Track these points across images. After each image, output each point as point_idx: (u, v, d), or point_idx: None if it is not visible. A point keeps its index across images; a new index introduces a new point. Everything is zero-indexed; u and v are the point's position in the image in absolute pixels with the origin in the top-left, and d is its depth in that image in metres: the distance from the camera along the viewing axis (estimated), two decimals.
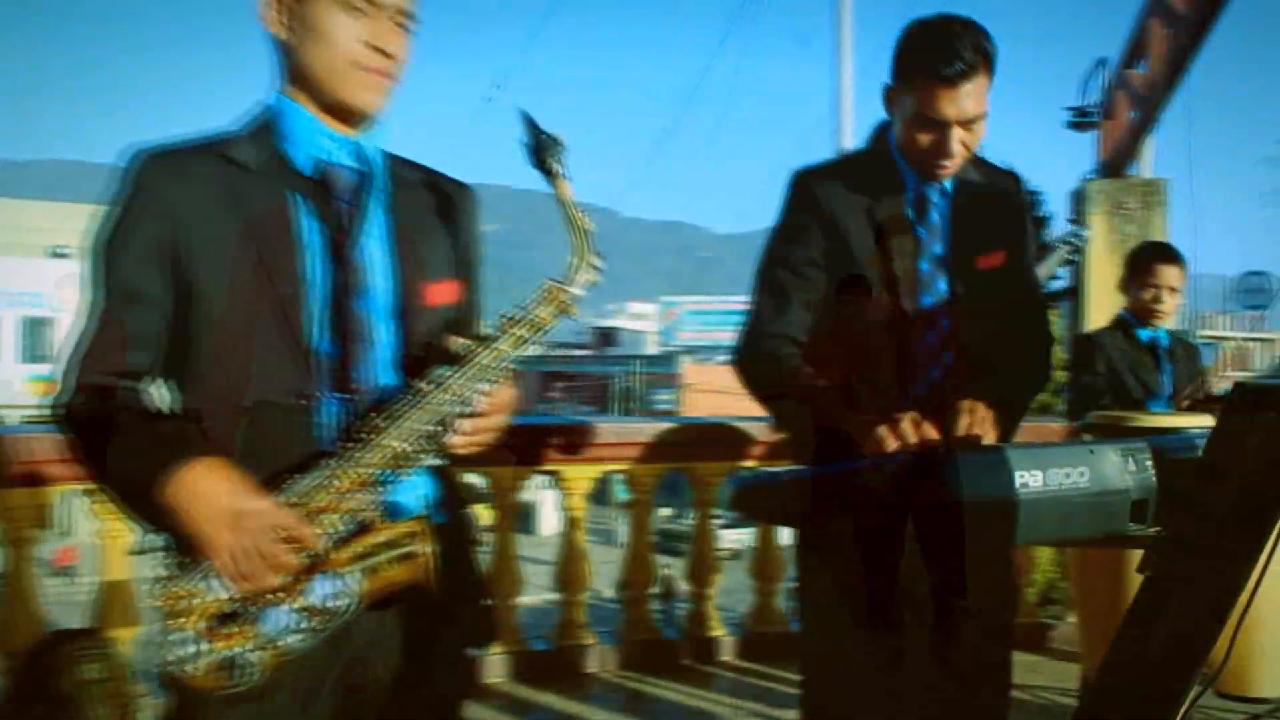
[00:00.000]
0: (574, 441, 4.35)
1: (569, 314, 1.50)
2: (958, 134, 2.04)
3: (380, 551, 1.42)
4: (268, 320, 1.46)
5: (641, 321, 68.88)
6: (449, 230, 1.65)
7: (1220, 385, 3.48)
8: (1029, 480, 1.46)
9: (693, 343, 54.38)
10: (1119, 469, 1.59)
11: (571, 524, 4.49)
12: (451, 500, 1.62)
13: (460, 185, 1.71)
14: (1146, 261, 3.37)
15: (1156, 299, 3.34)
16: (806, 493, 1.49)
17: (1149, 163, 8.56)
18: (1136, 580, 2.70)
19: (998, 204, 2.24)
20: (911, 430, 1.83)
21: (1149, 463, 1.63)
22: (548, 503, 24.69)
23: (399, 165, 1.65)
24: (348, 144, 1.56)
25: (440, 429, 1.48)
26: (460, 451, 1.56)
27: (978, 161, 2.24)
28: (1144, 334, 3.39)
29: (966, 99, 2.02)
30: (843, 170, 2.21)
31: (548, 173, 1.49)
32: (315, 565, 1.41)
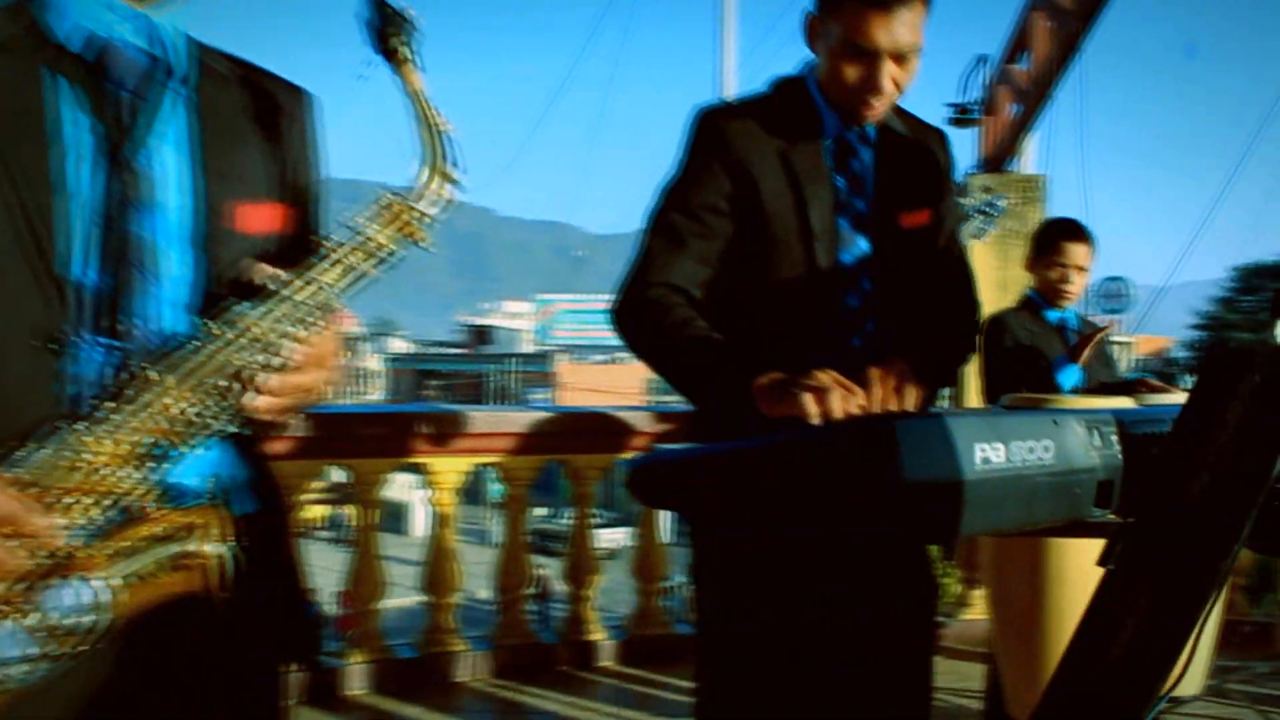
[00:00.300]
0: (443, 432, 4.02)
1: (415, 240, 1.14)
2: (889, 68, 1.78)
3: (150, 549, 1.05)
4: (7, 237, 1.09)
5: (517, 320, 68.87)
6: (275, 141, 1.30)
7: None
8: (990, 455, 1.18)
9: (568, 341, 54.48)
10: (1084, 445, 1.34)
11: (440, 521, 4.15)
12: (255, 482, 1.25)
13: (295, 89, 1.36)
14: (1053, 239, 3.17)
15: (1064, 279, 3.15)
16: (721, 474, 1.19)
17: (1030, 158, 8.57)
18: (1059, 574, 2.55)
19: (924, 159, 1.99)
20: (840, 397, 1.56)
21: (1115, 438, 1.38)
22: (420, 502, 24.13)
23: (211, 56, 1.29)
24: (136, 18, 1.20)
25: (236, 386, 1.12)
26: (263, 417, 1.18)
27: (902, 113, 1.99)
28: (1052, 315, 3.19)
29: (901, 27, 1.76)
30: (755, 110, 1.92)
31: (392, 56, 1.16)
32: (55, 568, 1.03)
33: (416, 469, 4.12)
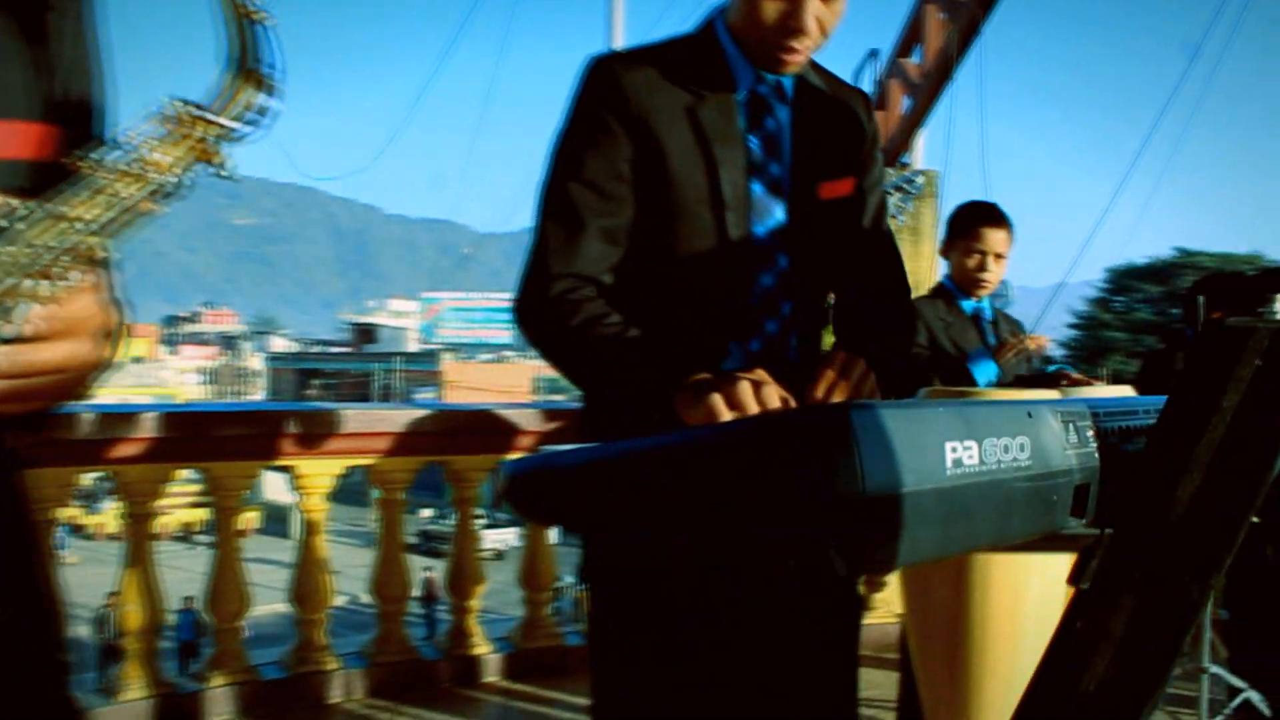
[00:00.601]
0: (312, 432, 3.69)
1: (211, 163, 0.84)
2: (813, 5, 1.55)
3: None
4: None
5: (403, 318, 68.00)
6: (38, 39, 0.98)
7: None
8: (962, 455, 0.95)
9: (454, 339, 53.90)
10: (1060, 442, 1.12)
11: (309, 529, 3.82)
12: None
13: None
14: (969, 224, 2.98)
15: (981, 266, 2.96)
16: (620, 482, 0.94)
17: (921, 154, 8.54)
18: (984, 579, 2.36)
19: (846, 121, 1.76)
20: (751, 395, 1.33)
21: (1090, 435, 1.17)
22: None
23: None
24: None
25: None
26: None
27: (820, 69, 1.76)
28: (968, 305, 3.01)
29: None
30: (656, 58, 1.66)
31: None
32: None
33: (282, 470, 3.80)
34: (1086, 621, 1.18)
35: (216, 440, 3.57)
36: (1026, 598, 2.25)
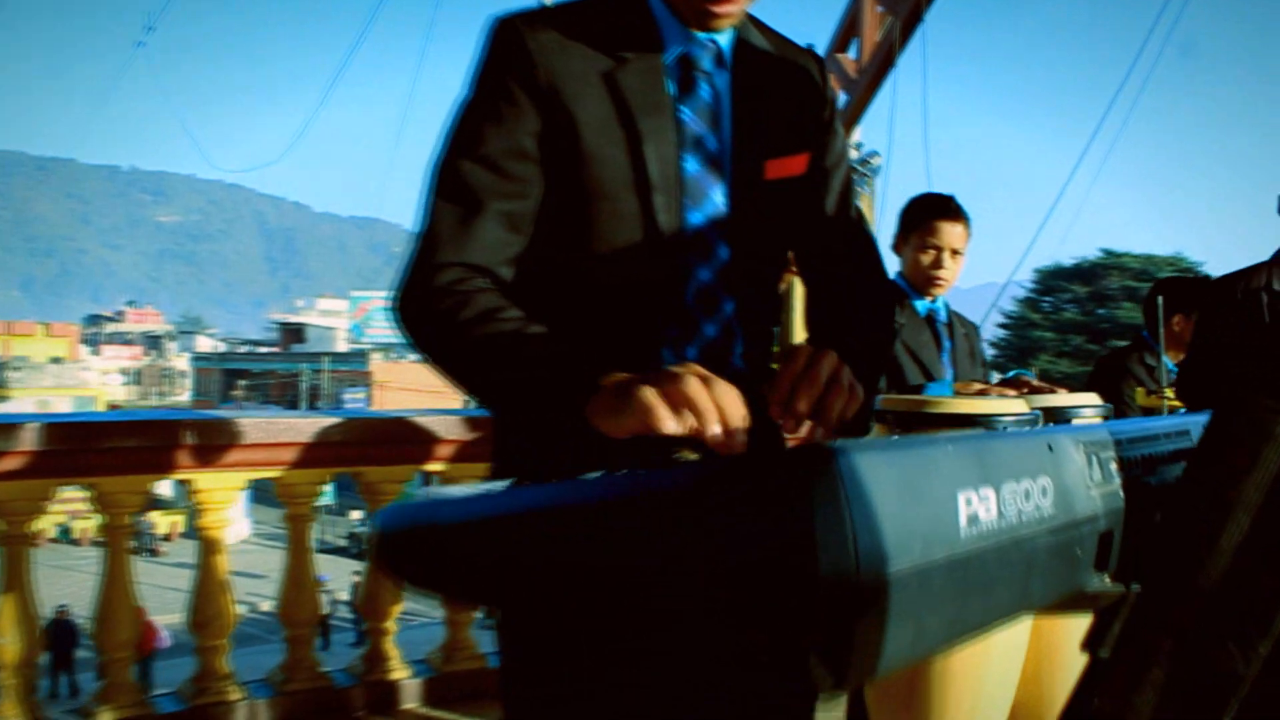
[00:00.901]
0: (210, 443, 3.38)
1: None
2: None
3: None
4: None
5: (332, 317, 67.15)
6: None
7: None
8: (978, 508, 0.72)
9: (384, 339, 53.28)
10: (1083, 479, 0.89)
11: (208, 548, 3.51)
12: None
13: None
14: (924, 218, 2.76)
15: (937, 263, 2.74)
16: (508, 547, 0.69)
17: (855, 142, 8.37)
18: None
19: (797, 85, 1.52)
20: (703, 391, 1.07)
21: (1114, 467, 0.94)
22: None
23: None
24: None
25: None
26: None
27: (763, 27, 1.52)
28: (922, 305, 2.79)
29: None
30: (568, 17, 1.40)
31: None
32: None
33: (180, 483, 3.49)
34: (1107, 699, 0.96)
35: (105, 453, 3.25)
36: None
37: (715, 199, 1.41)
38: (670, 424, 1.04)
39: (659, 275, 1.38)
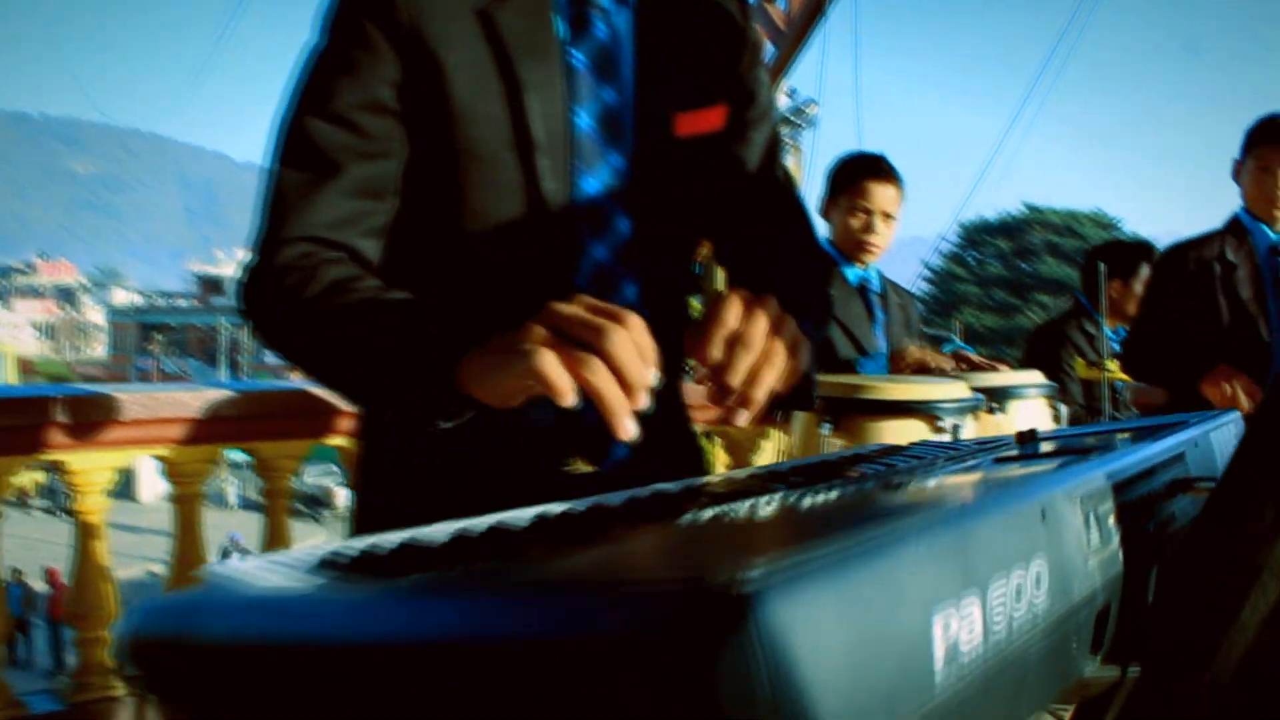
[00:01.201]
0: (85, 420, 3.10)
1: None
2: None
3: None
4: None
5: None
6: None
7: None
8: (959, 631, 0.51)
9: None
10: (1081, 548, 0.69)
11: (85, 532, 3.23)
12: None
13: None
14: (853, 179, 2.55)
15: (868, 227, 2.54)
16: (295, 688, 0.48)
17: (782, 103, 8.18)
18: None
19: (714, 29, 1.30)
20: (628, 343, 0.86)
21: (1112, 522, 0.74)
22: (147, 465, 22.21)
23: None
24: None
25: None
26: None
27: None
28: (852, 274, 2.58)
29: None
30: None
31: None
32: None
33: (50, 467, 3.21)
34: None
35: None
36: None
37: (613, 162, 1.19)
38: (563, 380, 0.83)
39: (545, 253, 1.17)
